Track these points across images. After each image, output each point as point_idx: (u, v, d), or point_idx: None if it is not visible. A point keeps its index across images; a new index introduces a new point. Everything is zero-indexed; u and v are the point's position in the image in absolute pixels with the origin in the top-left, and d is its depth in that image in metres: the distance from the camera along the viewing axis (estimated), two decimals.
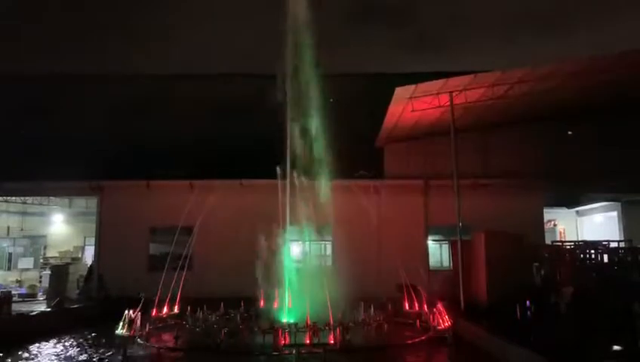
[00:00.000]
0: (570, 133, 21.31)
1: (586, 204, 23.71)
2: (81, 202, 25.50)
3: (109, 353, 11.75)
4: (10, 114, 23.86)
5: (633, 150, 20.46)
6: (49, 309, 16.51)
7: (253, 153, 19.97)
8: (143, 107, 23.61)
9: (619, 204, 22.17)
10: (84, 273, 20.87)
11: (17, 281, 23.15)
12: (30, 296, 20.20)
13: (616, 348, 10.46)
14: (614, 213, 22.55)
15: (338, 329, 11.93)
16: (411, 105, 17.33)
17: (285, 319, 13.47)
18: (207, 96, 24.19)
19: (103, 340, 12.94)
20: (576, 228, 25.37)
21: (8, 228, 25.15)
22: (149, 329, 13.18)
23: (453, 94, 16.50)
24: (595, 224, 24.34)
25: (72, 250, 25.07)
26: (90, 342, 13.05)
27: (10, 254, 25.31)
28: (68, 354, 11.76)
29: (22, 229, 25.64)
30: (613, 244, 17.73)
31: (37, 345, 12.53)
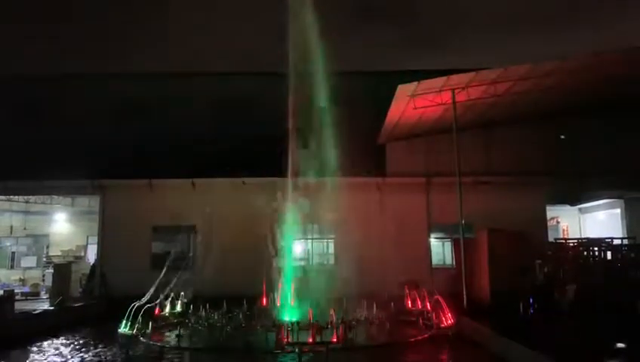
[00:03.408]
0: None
1: (589, 201, 23.62)
2: (83, 201, 25.48)
3: (112, 351, 11.76)
4: (13, 113, 23.88)
5: (636, 147, 20.40)
6: (52, 308, 16.54)
7: (255, 151, 19.98)
8: (144, 106, 23.61)
9: (622, 201, 22.08)
10: (87, 272, 20.89)
11: (20, 280, 23.18)
12: (33, 295, 20.24)
13: (619, 345, 10.43)
14: (617, 210, 22.46)
15: (341, 327, 11.92)
16: (413, 103, 17.29)
17: (288, 317, 13.47)
18: (208, 95, 24.18)
19: (106, 339, 12.94)
20: (580, 225, 25.28)
21: (11, 227, 25.16)
22: (152, 327, 13.20)
23: (455, 91, 16.47)
24: (598, 221, 24.25)
25: (74, 248, 25.08)
26: (93, 340, 13.05)
27: (13, 253, 25.34)
28: (71, 352, 11.77)
29: (25, 228, 25.64)
30: (617, 241, 17.66)
31: (40, 343, 12.55)
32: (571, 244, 18.34)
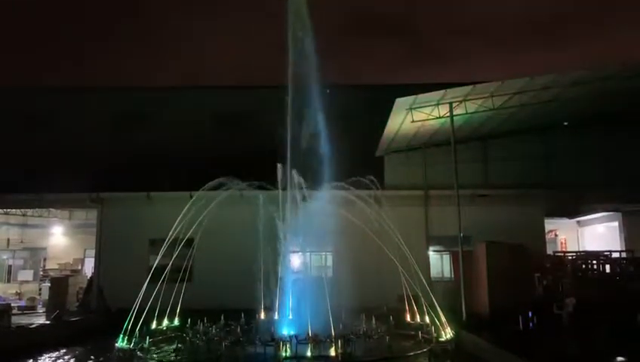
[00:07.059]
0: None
1: (587, 214, 23.64)
2: (81, 214, 25.42)
3: None
4: (11, 126, 23.92)
5: (634, 160, 20.48)
6: (48, 322, 16.41)
7: (253, 164, 19.98)
8: (143, 119, 23.68)
9: (620, 214, 22.11)
10: (84, 285, 20.76)
11: (17, 293, 23.03)
12: (30, 309, 20.07)
13: (619, 359, 10.39)
14: (615, 224, 22.48)
15: (339, 341, 11.84)
16: (411, 116, 17.38)
17: (286, 331, 13.38)
18: (207, 108, 24.28)
19: (103, 353, 12.84)
20: (578, 238, 25.27)
21: (8, 240, 25.07)
22: (149, 341, 13.10)
23: (453, 105, 16.57)
24: (596, 234, 24.25)
25: (71, 262, 24.94)
26: (90, 354, 12.94)
27: (9, 266, 25.21)
28: None
29: (22, 241, 25.55)
30: (615, 255, 17.66)
31: (36, 358, 12.43)
32: (570, 257, 18.32)
